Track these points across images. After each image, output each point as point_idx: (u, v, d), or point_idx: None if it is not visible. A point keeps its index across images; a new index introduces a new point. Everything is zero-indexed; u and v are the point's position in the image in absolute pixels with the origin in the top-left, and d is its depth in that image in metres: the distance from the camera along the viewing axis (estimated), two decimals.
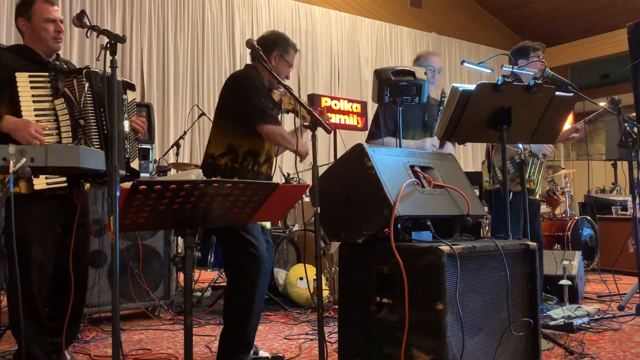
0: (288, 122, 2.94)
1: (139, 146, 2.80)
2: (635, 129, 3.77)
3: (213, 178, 2.63)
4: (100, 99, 2.41)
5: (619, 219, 6.01)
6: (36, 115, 2.33)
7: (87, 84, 2.38)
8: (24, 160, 1.73)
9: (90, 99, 2.39)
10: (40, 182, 2.32)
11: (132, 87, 2.67)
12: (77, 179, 2.43)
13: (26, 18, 2.45)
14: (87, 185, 2.59)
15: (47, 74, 2.37)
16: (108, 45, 1.92)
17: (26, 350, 2.41)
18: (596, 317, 3.60)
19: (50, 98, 2.36)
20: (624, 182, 6.17)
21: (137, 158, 2.66)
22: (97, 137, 2.40)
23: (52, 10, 2.46)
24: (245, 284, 2.65)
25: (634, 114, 4.03)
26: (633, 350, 2.97)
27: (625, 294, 4.11)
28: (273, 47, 2.81)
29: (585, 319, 3.47)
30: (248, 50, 2.72)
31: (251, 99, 2.71)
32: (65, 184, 2.37)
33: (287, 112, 2.90)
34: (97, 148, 2.37)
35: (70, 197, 2.47)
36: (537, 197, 3.90)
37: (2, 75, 2.33)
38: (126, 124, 2.52)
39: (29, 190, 2.34)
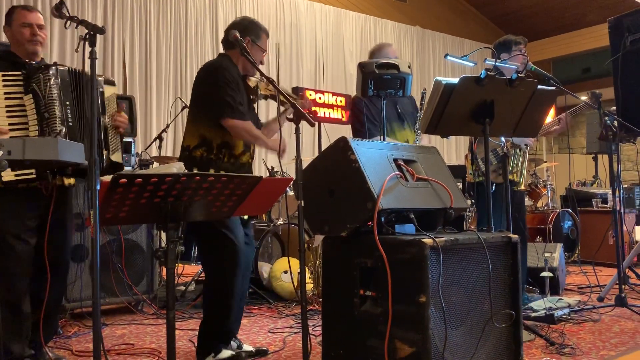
0: (270, 108, 2.93)
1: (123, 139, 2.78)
2: (616, 123, 3.81)
3: (193, 172, 2.64)
4: (66, 93, 2.46)
5: (599, 211, 6.10)
6: (7, 112, 2.40)
7: (53, 78, 2.44)
8: (0, 153, 1.70)
9: (55, 92, 2.43)
10: (8, 174, 2.33)
11: (109, 82, 2.70)
12: (45, 171, 2.42)
13: (8, 25, 2.60)
14: (71, 181, 2.59)
15: (19, 72, 2.44)
16: (87, 36, 1.89)
17: (4, 345, 2.39)
18: (577, 308, 3.65)
19: (21, 95, 2.42)
20: (605, 175, 6.25)
21: (119, 151, 2.66)
22: (60, 129, 2.41)
23: (29, 16, 2.57)
24: (224, 276, 2.65)
25: (614, 107, 4.08)
26: (612, 341, 3.01)
27: (605, 285, 4.17)
28: (245, 33, 2.78)
29: (566, 311, 3.52)
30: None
31: (219, 92, 2.69)
32: (34, 176, 2.37)
33: (265, 98, 2.88)
34: (56, 137, 2.38)
35: (40, 190, 2.46)
36: (522, 187, 3.93)
37: None
38: (105, 117, 2.59)
39: (1, 184, 2.36)
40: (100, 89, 2.61)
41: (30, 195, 2.46)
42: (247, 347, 2.88)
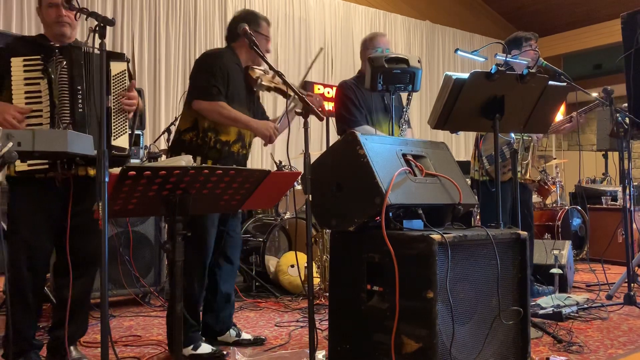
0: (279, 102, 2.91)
1: (134, 129, 2.65)
2: (627, 120, 3.77)
3: (177, 156, 2.58)
4: (79, 77, 2.37)
5: (608, 209, 6.05)
6: (26, 98, 2.32)
7: (65, 61, 2.35)
8: (10, 144, 1.70)
9: (65, 77, 2.35)
10: (21, 164, 2.28)
11: (118, 57, 2.50)
12: (55, 162, 2.35)
13: (39, 6, 2.52)
14: (93, 172, 2.47)
15: (38, 56, 2.35)
16: (97, 28, 1.88)
17: (14, 333, 2.39)
18: (585, 306, 3.63)
19: (39, 80, 2.35)
20: (615, 172, 6.20)
21: (125, 134, 2.50)
22: (67, 116, 2.33)
23: None
24: (187, 270, 2.65)
25: (626, 104, 4.04)
26: (620, 339, 2.99)
27: (614, 283, 4.15)
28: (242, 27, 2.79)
29: (574, 308, 3.50)
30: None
31: (197, 77, 2.73)
32: (46, 166, 2.30)
33: (268, 90, 2.87)
34: (66, 128, 2.31)
35: (53, 181, 2.37)
36: (528, 176, 3.86)
37: (5, 64, 2.36)
38: (109, 99, 2.42)
39: (14, 173, 2.34)
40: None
41: (49, 187, 2.37)
42: (245, 336, 2.94)
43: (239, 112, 2.73)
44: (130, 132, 2.52)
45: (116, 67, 2.46)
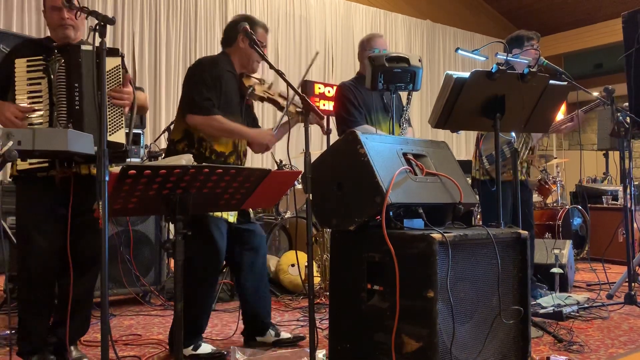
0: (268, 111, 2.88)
1: (132, 125, 2.59)
2: (628, 119, 3.77)
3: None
4: (76, 74, 2.37)
5: (609, 208, 6.05)
6: (28, 98, 2.34)
7: (63, 60, 2.37)
8: (10, 143, 1.70)
9: (62, 75, 2.36)
10: (23, 163, 2.30)
11: (112, 53, 2.44)
12: (54, 160, 2.36)
13: (44, 9, 2.52)
14: (94, 170, 2.47)
15: (41, 56, 2.38)
16: (97, 27, 1.88)
17: (27, 332, 2.41)
18: (585, 305, 3.63)
19: (41, 80, 2.37)
20: (615, 172, 6.20)
21: (121, 130, 2.45)
22: (64, 115, 2.34)
23: None
24: (195, 273, 2.64)
25: (627, 103, 4.04)
26: (621, 339, 2.99)
27: (615, 282, 4.14)
28: (238, 30, 2.77)
29: (575, 308, 3.50)
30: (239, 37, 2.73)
31: (188, 88, 2.70)
32: (46, 165, 2.32)
33: (261, 100, 2.84)
34: (63, 126, 2.32)
35: (53, 181, 2.38)
36: (525, 157, 3.85)
37: (11, 66, 2.38)
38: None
39: (15, 172, 2.36)
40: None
41: (51, 185, 2.38)
42: (284, 335, 2.92)
43: (233, 123, 2.70)
44: (127, 129, 2.49)
45: (110, 63, 2.42)
